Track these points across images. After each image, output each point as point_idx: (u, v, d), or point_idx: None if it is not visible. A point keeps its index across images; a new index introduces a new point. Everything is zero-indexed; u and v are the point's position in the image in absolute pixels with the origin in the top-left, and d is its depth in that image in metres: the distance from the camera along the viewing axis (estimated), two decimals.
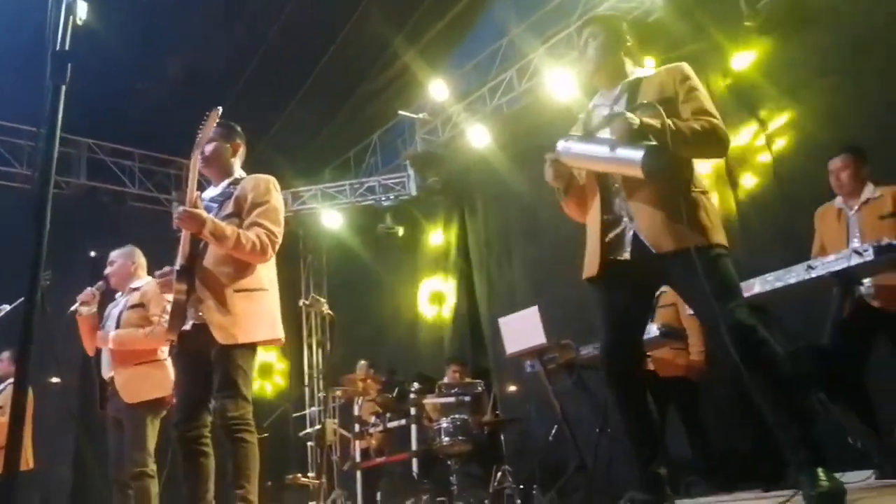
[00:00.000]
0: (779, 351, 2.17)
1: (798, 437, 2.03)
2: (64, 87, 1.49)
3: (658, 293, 4.33)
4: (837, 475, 3.21)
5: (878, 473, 3.25)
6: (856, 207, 3.71)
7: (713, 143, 2.27)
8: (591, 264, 2.42)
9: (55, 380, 5.32)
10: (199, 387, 2.86)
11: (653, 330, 4.21)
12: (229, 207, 2.95)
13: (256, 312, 2.87)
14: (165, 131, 7.96)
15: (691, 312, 4.05)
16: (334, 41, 7.76)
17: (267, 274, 2.98)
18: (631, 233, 2.32)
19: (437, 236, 8.01)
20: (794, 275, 3.39)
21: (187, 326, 2.86)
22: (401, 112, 7.67)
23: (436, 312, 7.81)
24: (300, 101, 8.28)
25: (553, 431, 4.87)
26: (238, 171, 3.12)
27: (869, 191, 3.69)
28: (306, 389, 8.47)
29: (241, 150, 3.16)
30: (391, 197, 8.23)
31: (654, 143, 2.14)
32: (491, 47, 7.29)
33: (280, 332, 2.98)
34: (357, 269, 8.58)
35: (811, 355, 3.42)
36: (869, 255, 3.14)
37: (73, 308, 3.93)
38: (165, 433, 3.73)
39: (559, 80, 6.30)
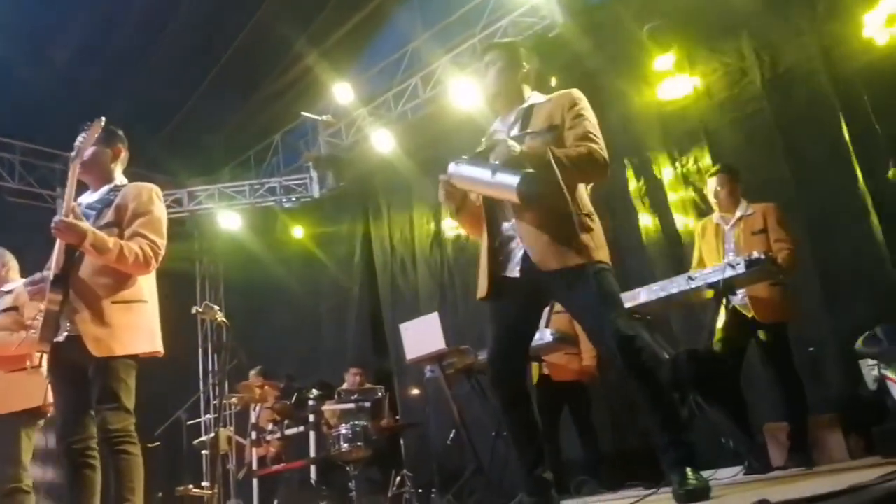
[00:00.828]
0: (656, 359, 2.33)
1: (670, 438, 2.18)
2: None
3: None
4: (710, 472, 3.46)
5: (746, 470, 3.53)
6: (731, 223, 4.01)
7: (590, 167, 2.39)
8: (483, 285, 2.51)
9: None
10: (79, 399, 2.75)
11: (547, 336, 4.37)
12: (109, 215, 2.85)
13: (135, 324, 2.80)
14: (51, 124, 7.51)
15: None
16: (236, 38, 7.60)
17: (147, 285, 2.91)
18: (520, 252, 2.43)
19: (340, 240, 7.97)
20: (677, 285, 3.63)
21: (60, 338, 2.76)
22: (304, 113, 7.58)
23: (338, 318, 7.76)
24: (200, 98, 8.04)
25: (451, 436, 4.96)
26: (119, 178, 3.03)
27: (742, 208, 4.01)
28: (201, 396, 8.20)
29: (123, 156, 3.06)
30: (293, 199, 8.10)
31: (530, 170, 2.25)
32: (396, 53, 7.33)
33: (159, 346, 2.91)
34: (256, 273, 8.38)
35: (689, 360, 3.66)
36: (741, 268, 3.41)
37: None
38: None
39: (463, 90, 6.41)
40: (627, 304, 3.63)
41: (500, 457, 4.66)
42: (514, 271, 2.44)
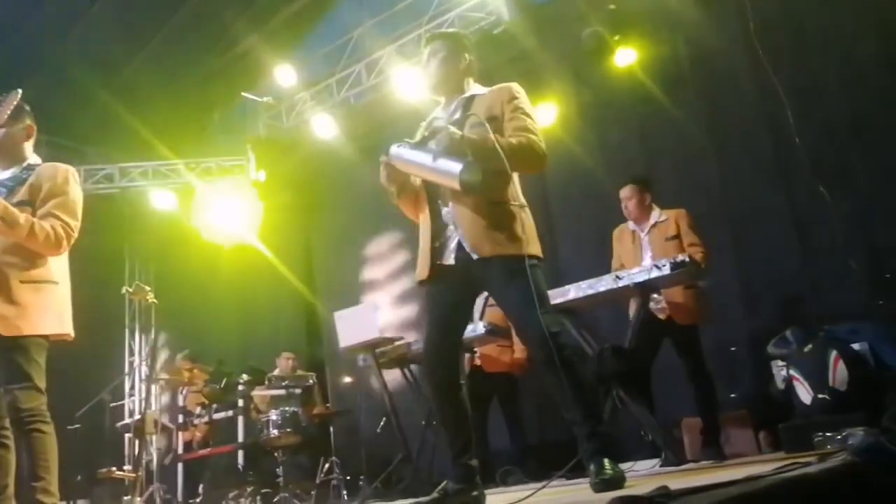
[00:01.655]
0: (578, 354, 2.43)
1: (588, 430, 2.28)
2: None
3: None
4: (629, 464, 3.61)
5: (662, 462, 3.70)
6: (647, 230, 4.21)
7: (529, 158, 2.46)
8: (422, 268, 2.54)
9: None
10: None
11: (480, 327, 4.45)
12: (22, 194, 2.80)
13: (44, 304, 2.76)
14: None
15: None
16: (176, 12, 7.40)
17: (58, 266, 2.86)
18: (455, 240, 2.47)
19: (278, 224, 7.86)
20: (604, 283, 3.77)
21: None
22: (244, 94, 7.44)
23: (274, 303, 7.68)
24: (131, 72, 7.80)
25: (381, 424, 5.00)
26: (32, 157, 2.97)
27: (656, 215, 4.24)
28: (125, 378, 7.99)
29: (33, 133, 2.99)
30: (229, 179, 7.94)
31: (471, 158, 2.29)
32: (341, 39, 7.26)
33: (69, 328, 2.86)
34: (189, 254, 8.19)
35: (614, 356, 3.81)
36: (666, 269, 3.57)
37: None
38: None
39: (407, 79, 6.41)
40: (557, 300, 3.76)
41: (429, 445, 4.74)
42: (448, 258, 2.48)
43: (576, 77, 5.98)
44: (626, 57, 5.57)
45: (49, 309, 2.76)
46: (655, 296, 3.91)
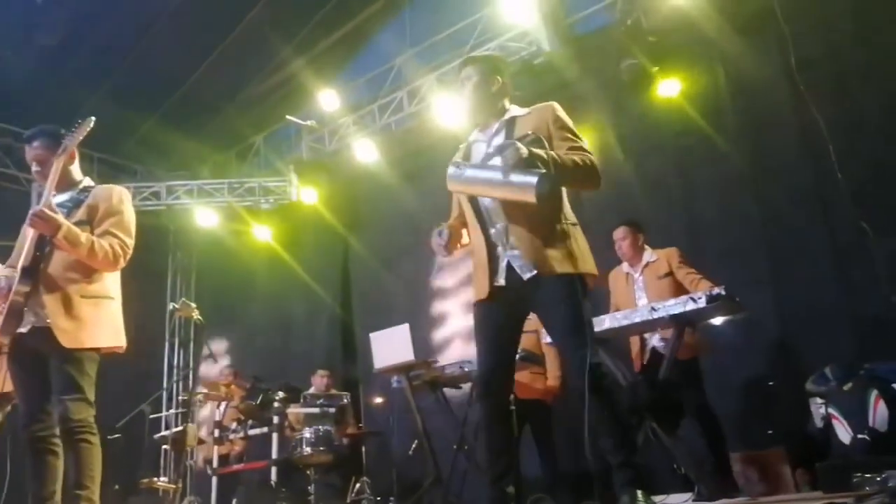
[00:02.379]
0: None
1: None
2: None
3: None
4: (662, 497, 3.59)
5: (695, 496, 3.67)
6: (640, 270, 4.27)
7: (592, 176, 2.51)
8: (481, 287, 2.58)
9: None
10: (41, 389, 2.81)
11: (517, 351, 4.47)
12: (80, 214, 2.95)
13: (101, 319, 2.89)
14: (32, 108, 7.47)
15: (545, 341, 4.42)
16: (225, 39, 7.66)
17: (113, 282, 3.01)
18: (506, 260, 2.51)
19: (317, 245, 8.01)
20: (640, 315, 3.78)
21: (24, 329, 2.83)
22: (288, 117, 7.63)
23: (310, 322, 7.79)
24: (183, 95, 8.07)
25: (413, 445, 5.03)
26: (84, 179, 3.13)
27: (648, 255, 4.34)
28: (164, 392, 8.16)
29: (76, 156, 3.13)
30: (271, 200, 8.13)
31: (544, 170, 2.33)
32: (383, 66, 7.42)
33: (122, 341, 3.00)
34: (229, 271, 8.39)
35: (648, 387, 3.80)
36: (702, 302, 3.56)
37: None
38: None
39: (447, 107, 6.53)
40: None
41: (460, 470, 4.75)
42: (499, 279, 2.52)
43: (615, 107, 6.02)
44: (666, 88, 5.60)
45: (106, 323, 2.89)
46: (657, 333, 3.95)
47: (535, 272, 2.42)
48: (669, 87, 5.59)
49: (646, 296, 4.19)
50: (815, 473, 3.44)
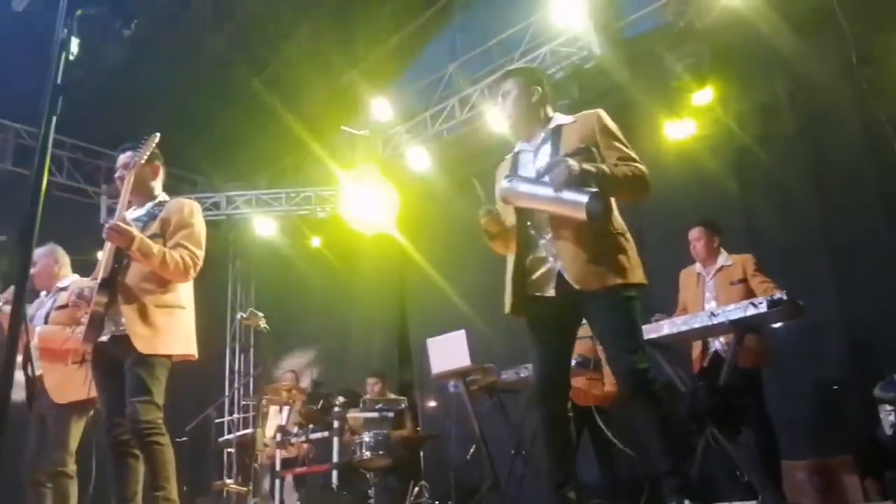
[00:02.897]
0: (665, 390, 2.46)
1: (670, 468, 2.30)
2: (55, 118, 1.60)
3: None
4: None
5: None
6: (712, 273, 4.20)
7: (642, 186, 2.54)
8: (507, 300, 2.66)
9: None
10: (120, 395, 2.95)
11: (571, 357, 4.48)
12: (154, 227, 3.09)
13: (174, 328, 3.02)
14: (100, 123, 7.82)
15: None
16: (278, 52, 7.87)
17: (186, 292, 3.14)
18: (556, 272, 2.54)
19: (372, 251, 8.15)
20: (699, 320, 3.75)
21: (104, 338, 2.97)
22: (344, 128, 7.80)
23: (366, 328, 7.93)
24: (241, 107, 8.32)
25: (471, 450, 5.08)
26: (161, 194, 3.28)
27: (723, 258, 4.26)
28: (225, 398, 8.40)
29: (161, 173, 3.29)
30: (327, 209, 8.31)
31: (595, 189, 2.36)
32: (435, 75, 7.52)
33: (194, 350, 3.13)
34: (287, 279, 8.60)
35: (708, 393, 3.76)
36: (763, 307, 3.52)
37: None
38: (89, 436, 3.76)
39: (497, 114, 6.56)
40: (651, 335, 3.77)
41: (518, 474, 4.78)
42: (549, 290, 2.55)
43: (668, 110, 5.97)
44: (720, 89, 5.53)
45: (178, 332, 3.03)
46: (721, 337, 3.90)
47: (583, 284, 2.45)
48: (724, 88, 5.52)
49: (715, 299, 4.12)
50: (884, 482, 3.37)
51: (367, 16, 7.73)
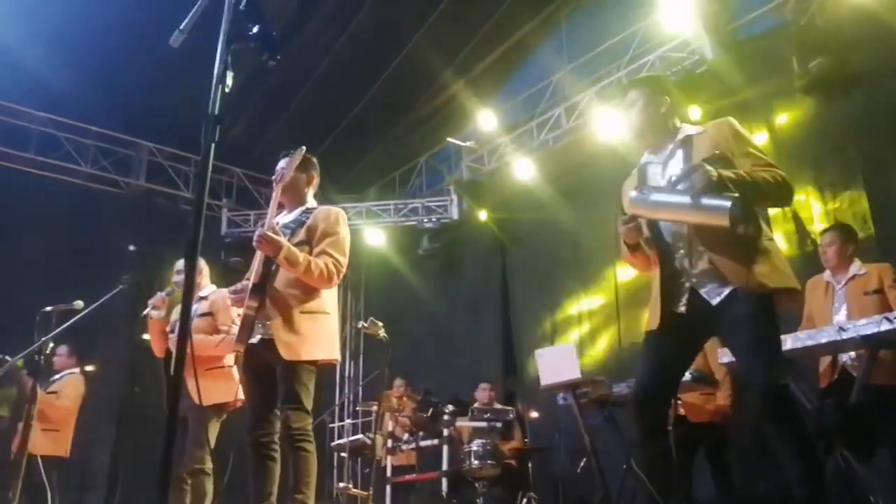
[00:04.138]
0: (801, 409, 2.34)
1: (808, 492, 2.19)
2: (213, 146, 1.74)
3: None
4: None
5: None
6: (843, 282, 3.92)
7: (783, 193, 2.44)
8: (653, 317, 2.55)
9: (89, 368, 5.65)
10: (266, 397, 3.11)
11: (685, 375, 4.36)
12: (301, 234, 3.19)
13: (319, 333, 3.11)
14: (221, 140, 8.31)
15: (722, 361, 4.25)
16: (388, 67, 8.11)
17: (330, 299, 3.23)
18: (687, 288, 2.47)
19: (477, 261, 8.24)
20: (826, 335, 3.56)
21: (254, 340, 3.11)
22: (449, 139, 7.94)
23: (472, 337, 8.01)
24: (351, 121, 8.63)
25: (581, 464, 5.03)
26: (310, 201, 3.39)
27: (855, 267, 3.93)
28: (335, 406, 8.68)
29: (315, 181, 3.42)
30: (433, 219, 8.47)
31: (736, 194, 2.28)
32: (540, 84, 7.52)
33: (337, 354, 3.24)
34: (396, 288, 8.82)
35: (837, 411, 3.57)
36: None
37: (145, 312, 4.19)
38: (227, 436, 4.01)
39: (607, 121, 6.49)
40: None
41: (629, 489, 4.69)
42: (679, 306, 2.49)
43: (787, 112, 5.72)
44: (844, 92, 5.24)
45: (322, 337, 3.13)
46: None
47: (724, 296, 2.37)
48: (849, 89, 5.23)
49: (845, 311, 3.86)
50: None
51: (472, 25, 7.83)
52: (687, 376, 4.35)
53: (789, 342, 3.69)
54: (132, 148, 8.45)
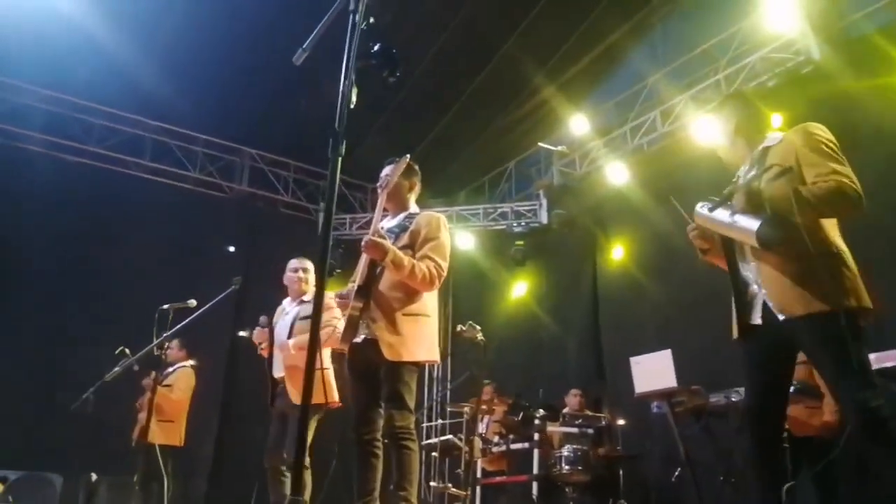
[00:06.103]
0: None
1: None
2: (339, 159, 1.84)
3: None
4: None
5: None
6: None
7: (840, 202, 2.30)
8: (734, 327, 2.55)
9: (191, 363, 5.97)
10: (370, 395, 3.22)
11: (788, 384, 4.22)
12: (405, 239, 3.29)
13: (420, 335, 3.20)
14: (318, 146, 8.62)
15: None
16: (480, 73, 8.20)
17: (431, 302, 3.31)
18: (761, 298, 2.43)
19: (566, 266, 8.21)
20: None
21: (358, 339, 3.23)
22: (540, 144, 7.95)
23: (560, 342, 7.99)
24: (443, 127, 8.77)
25: (676, 473, 4.95)
26: (413, 206, 3.50)
27: None
28: (424, 407, 8.82)
29: (417, 188, 3.53)
30: (522, 224, 8.50)
31: (769, 214, 2.26)
32: (633, 88, 7.43)
33: (436, 355, 3.32)
34: (483, 291, 8.90)
35: None
36: None
37: (243, 333, 4.43)
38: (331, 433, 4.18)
39: (702, 125, 6.35)
40: (876, 365, 3.45)
41: (726, 501, 4.57)
42: (755, 318, 2.46)
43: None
44: None
45: (423, 339, 3.21)
46: None
47: (787, 314, 2.32)
48: None
49: None
50: None
51: (564, 30, 7.81)
52: (790, 388, 4.22)
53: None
54: (236, 154, 8.89)
